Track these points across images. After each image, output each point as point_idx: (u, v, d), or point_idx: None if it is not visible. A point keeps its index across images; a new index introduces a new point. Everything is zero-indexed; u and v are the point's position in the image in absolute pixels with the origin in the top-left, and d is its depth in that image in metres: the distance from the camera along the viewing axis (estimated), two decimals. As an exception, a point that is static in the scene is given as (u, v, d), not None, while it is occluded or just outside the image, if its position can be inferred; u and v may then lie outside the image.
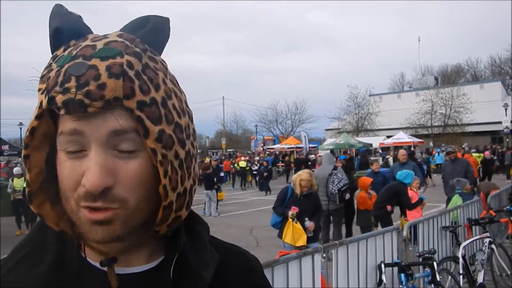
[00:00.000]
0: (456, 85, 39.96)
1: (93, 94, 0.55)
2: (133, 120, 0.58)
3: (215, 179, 13.13)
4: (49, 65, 0.61)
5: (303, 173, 5.79)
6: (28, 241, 0.68)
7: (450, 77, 58.50)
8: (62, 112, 0.56)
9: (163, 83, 0.63)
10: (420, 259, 4.34)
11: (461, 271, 4.72)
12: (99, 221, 0.58)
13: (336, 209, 7.46)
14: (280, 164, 28.25)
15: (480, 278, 4.82)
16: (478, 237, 5.40)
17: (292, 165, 23.32)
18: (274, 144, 40.25)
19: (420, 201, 6.81)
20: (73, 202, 0.59)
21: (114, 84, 0.56)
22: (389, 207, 6.90)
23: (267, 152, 32.94)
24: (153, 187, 0.61)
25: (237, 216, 12.85)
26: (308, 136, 34.73)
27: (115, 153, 0.59)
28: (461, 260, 4.77)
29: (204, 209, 12.91)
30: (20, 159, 23.59)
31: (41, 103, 0.59)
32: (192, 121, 0.69)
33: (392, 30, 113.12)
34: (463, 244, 5.06)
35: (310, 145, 33.17)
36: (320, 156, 13.36)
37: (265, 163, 20.93)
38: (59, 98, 0.56)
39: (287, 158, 27.38)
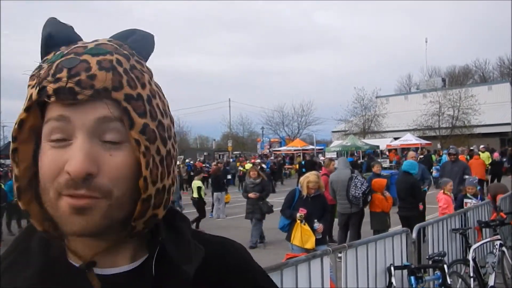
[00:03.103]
0: (464, 87, 39.58)
1: (84, 83, 0.58)
2: (119, 111, 0.61)
3: (225, 181, 13.16)
4: (39, 66, 0.64)
5: (311, 175, 5.79)
6: (13, 249, 0.68)
7: (458, 78, 58.02)
8: (52, 99, 0.59)
9: (149, 84, 0.66)
10: (430, 262, 4.30)
11: (471, 274, 4.67)
12: (80, 208, 0.58)
13: (356, 212, 7.47)
14: (287, 166, 28.20)
15: (491, 281, 4.77)
16: (488, 239, 5.34)
17: (296, 166, 23.16)
18: (281, 146, 40.20)
19: (424, 193, 7.36)
20: (52, 191, 0.60)
21: (104, 76, 0.59)
22: (421, 206, 6.98)
23: (273, 155, 32.88)
24: (134, 182, 0.62)
25: (244, 218, 12.80)
26: (315, 138, 34.72)
27: (101, 143, 0.60)
28: (471, 262, 4.72)
29: (212, 211, 12.92)
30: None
31: (30, 96, 0.61)
32: (173, 125, 0.71)
33: (399, 31, 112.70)
34: (474, 246, 5.01)
35: (317, 147, 33.10)
36: (327, 158, 13.31)
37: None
38: (50, 87, 0.58)
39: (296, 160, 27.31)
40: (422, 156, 22.08)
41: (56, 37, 0.65)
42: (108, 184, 0.60)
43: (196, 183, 11.44)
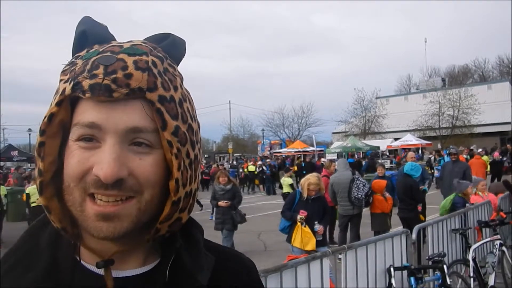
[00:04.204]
0: (463, 86, 39.66)
1: (120, 81, 0.58)
2: (152, 113, 0.61)
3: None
4: (72, 61, 0.64)
5: (312, 177, 5.79)
6: (17, 249, 0.68)
7: (458, 78, 58.13)
8: (87, 95, 0.58)
9: (180, 87, 0.67)
10: (430, 262, 4.31)
11: (471, 274, 4.67)
12: (108, 215, 0.58)
13: (357, 213, 7.49)
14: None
15: (491, 281, 4.77)
16: (488, 239, 5.34)
17: (295, 168, 23.06)
18: (281, 148, 40.17)
19: (425, 192, 7.40)
20: (78, 192, 0.59)
21: (140, 76, 0.60)
22: (419, 208, 6.98)
23: (273, 156, 32.83)
24: (163, 185, 0.63)
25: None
26: (315, 140, 34.69)
27: (130, 148, 0.60)
28: (471, 263, 4.73)
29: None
30: (29, 165, 23.80)
31: (63, 90, 0.61)
32: (200, 130, 0.71)
33: (398, 32, 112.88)
34: (474, 246, 5.01)
35: (318, 149, 33.07)
36: (328, 160, 13.29)
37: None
38: (86, 83, 0.58)
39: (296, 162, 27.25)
40: (431, 156, 22.16)
41: (90, 35, 0.65)
42: (139, 186, 0.60)
43: (287, 180, 11.75)
